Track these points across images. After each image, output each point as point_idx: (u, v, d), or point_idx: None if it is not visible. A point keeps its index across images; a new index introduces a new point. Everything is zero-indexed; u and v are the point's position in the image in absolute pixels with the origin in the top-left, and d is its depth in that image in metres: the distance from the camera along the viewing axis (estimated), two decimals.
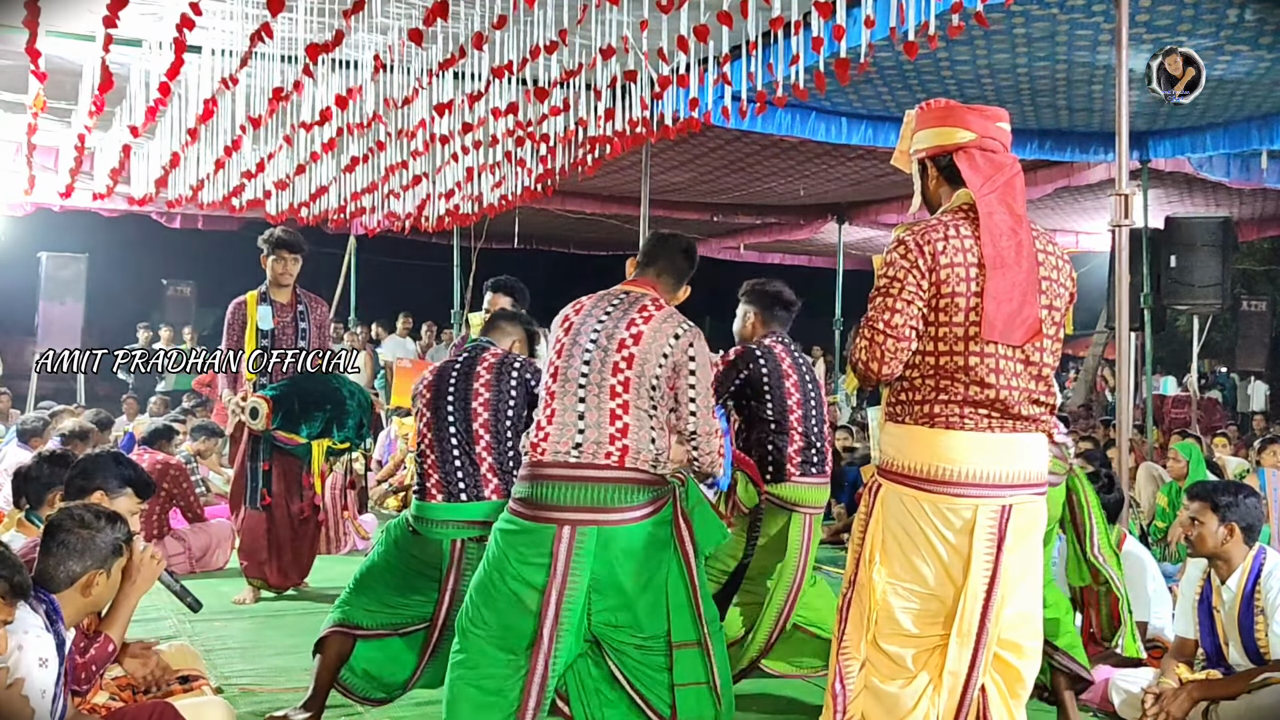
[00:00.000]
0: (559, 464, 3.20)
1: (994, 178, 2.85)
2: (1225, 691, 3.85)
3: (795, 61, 5.64)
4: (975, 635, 2.74)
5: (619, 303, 3.38)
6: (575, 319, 3.39)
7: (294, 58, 6.69)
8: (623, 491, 3.16)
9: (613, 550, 3.14)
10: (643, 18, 5.44)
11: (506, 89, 6.98)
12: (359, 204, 10.24)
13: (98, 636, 3.18)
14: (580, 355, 3.31)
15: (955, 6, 5.26)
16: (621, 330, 3.30)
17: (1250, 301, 15.52)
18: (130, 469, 3.86)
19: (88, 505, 3.15)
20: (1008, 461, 2.81)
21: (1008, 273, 2.78)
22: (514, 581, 3.17)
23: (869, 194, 13.25)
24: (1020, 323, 2.79)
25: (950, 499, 2.77)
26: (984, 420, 2.80)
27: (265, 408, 5.93)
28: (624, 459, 3.16)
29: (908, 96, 8.62)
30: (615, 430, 3.19)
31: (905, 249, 2.83)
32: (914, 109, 3.05)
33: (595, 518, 3.14)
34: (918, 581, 2.80)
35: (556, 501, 3.17)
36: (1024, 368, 2.83)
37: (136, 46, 7.05)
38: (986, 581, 2.74)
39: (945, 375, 2.81)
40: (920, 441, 2.82)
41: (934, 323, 2.82)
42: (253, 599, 6.20)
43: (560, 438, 3.22)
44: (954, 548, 2.77)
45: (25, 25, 5.48)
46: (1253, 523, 4.03)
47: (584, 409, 3.23)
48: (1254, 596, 3.96)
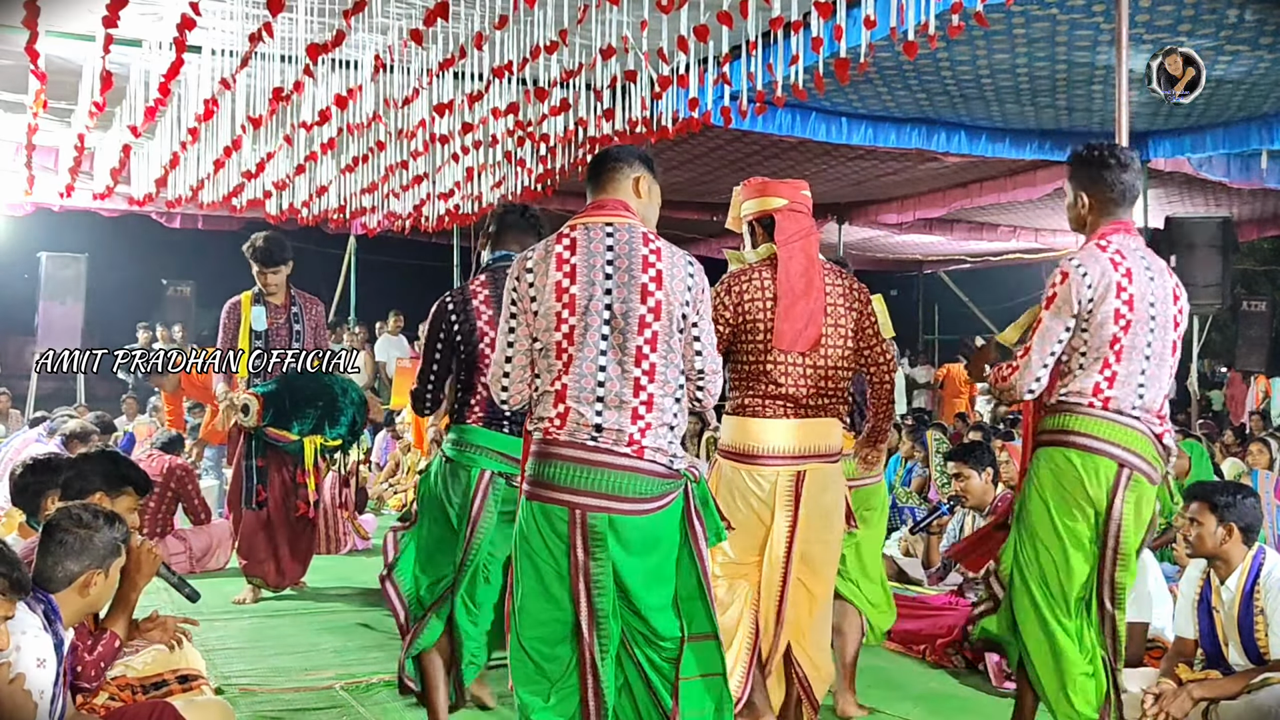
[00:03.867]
0: (574, 444, 2.97)
1: (797, 232, 3.80)
2: (1225, 691, 3.84)
3: (795, 61, 5.64)
4: (784, 561, 3.72)
5: (615, 234, 3.04)
6: (576, 260, 3.01)
7: (294, 58, 6.69)
8: (639, 482, 2.98)
9: (622, 539, 3.00)
10: (643, 18, 5.44)
11: (506, 89, 6.99)
12: (359, 204, 10.24)
13: (103, 634, 3.18)
14: (599, 314, 2.98)
15: (955, 6, 5.26)
16: (639, 272, 3.00)
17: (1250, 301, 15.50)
18: (127, 467, 3.86)
19: (86, 505, 3.14)
20: (800, 439, 3.70)
21: (797, 301, 3.71)
22: (542, 563, 3.03)
23: (869, 194, 13.26)
24: (805, 338, 3.70)
25: (758, 468, 3.70)
26: (780, 410, 3.70)
27: (256, 404, 5.94)
28: (643, 450, 2.97)
29: (908, 96, 8.62)
30: (640, 403, 2.98)
31: (719, 291, 3.75)
32: (739, 185, 3.98)
33: (607, 505, 2.96)
34: (739, 523, 3.72)
35: (567, 483, 2.97)
36: (812, 370, 3.72)
37: (136, 46, 7.05)
38: (789, 525, 3.69)
39: (752, 378, 3.73)
40: (736, 427, 3.75)
41: (741, 340, 3.74)
42: (253, 598, 6.20)
43: (578, 417, 2.96)
44: (763, 502, 3.71)
45: (25, 25, 5.48)
46: (1251, 523, 4.02)
47: (604, 377, 2.97)
48: (1253, 596, 3.96)
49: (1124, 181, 3.53)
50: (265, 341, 6.21)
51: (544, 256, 3.04)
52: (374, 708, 4.27)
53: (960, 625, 5.01)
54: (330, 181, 9.66)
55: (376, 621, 5.71)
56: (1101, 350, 3.42)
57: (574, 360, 2.98)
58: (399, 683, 3.96)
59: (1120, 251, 3.45)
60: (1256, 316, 15.25)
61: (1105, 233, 3.50)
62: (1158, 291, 3.49)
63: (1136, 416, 3.45)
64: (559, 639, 3.05)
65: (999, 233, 15.60)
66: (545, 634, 3.05)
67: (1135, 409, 3.45)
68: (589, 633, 3.01)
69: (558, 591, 3.02)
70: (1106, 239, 3.48)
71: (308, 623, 5.67)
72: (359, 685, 4.51)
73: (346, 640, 5.32)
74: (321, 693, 4.43)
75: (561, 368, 2.99)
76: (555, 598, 3.03)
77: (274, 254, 6.18)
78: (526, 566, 3.06)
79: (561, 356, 2.99)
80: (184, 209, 11.61)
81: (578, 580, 2.99)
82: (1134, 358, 3.44)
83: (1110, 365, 3.42)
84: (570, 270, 3.00)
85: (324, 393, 6.21)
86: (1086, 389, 3.45)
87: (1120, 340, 3.41)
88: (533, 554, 3.04)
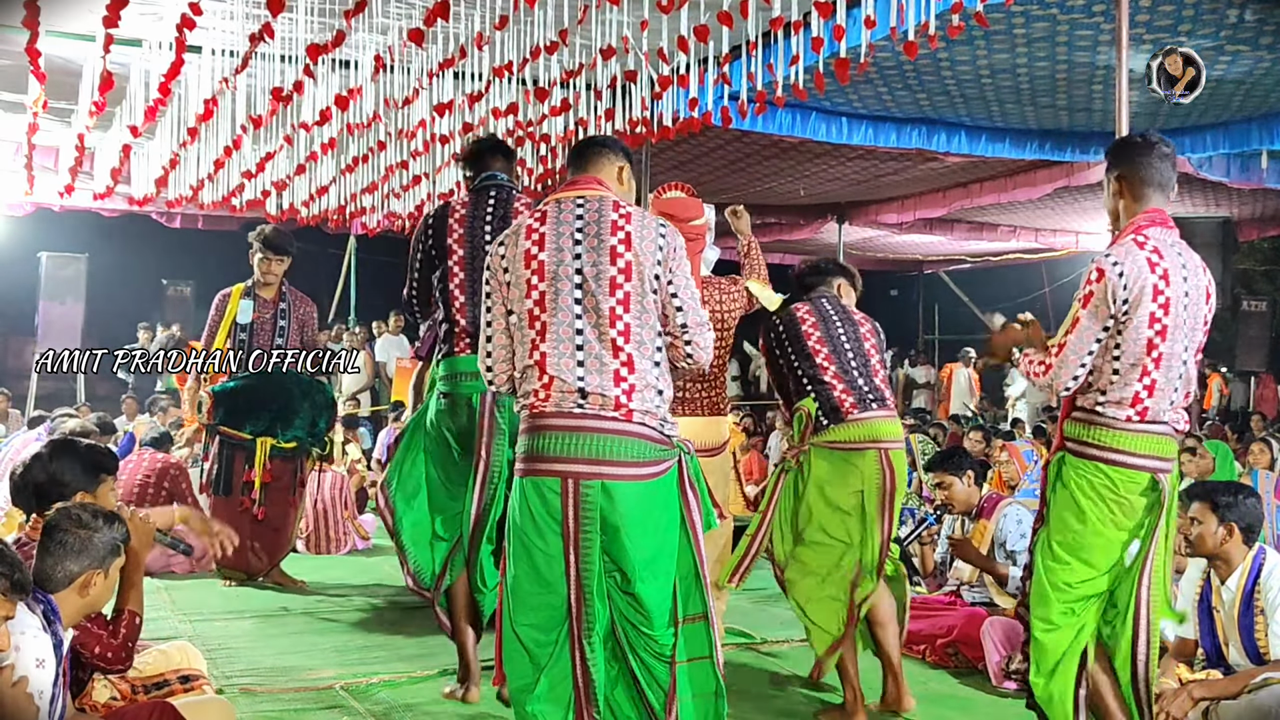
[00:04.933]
0: (562, 414, 2.96)
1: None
2: (1225, 691, 3.84)
3: (795, 61, 5.64)
4: None
5: (585, 204, 3.07)
6: (545, 229, 3.03)
7: (294, 58, 6.69)
8: (629, 445, 2.96)
9: (618, 509, 2.95)
10: (643, 18, 5.44)
11: (507, 89, 6.98)
12: (359, 204, 10.24)
13: (121, 616, 3.14)
14: (570, 279, 2.99)
15: (955, 6, 5.25)
16: (608, 235, 3.00)
17: (1250, 301, 15.49)
18: (90, 453, 3.71)
19: (84, 505, 3.13)
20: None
21: None
22: (534, 547, 3.00)
23: (869, 194, 13.25)
24: None
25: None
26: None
27: (207, 402, 6.20)
28: (630, 413, 2.95)
29: (908, 96, 8.62)
30: (620, 364, 2.96)
31: None
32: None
33: (599, 470, 2.94)
34: None
35: (558, 453, 2.96)
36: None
37: (136, 46, 7.04)
38: None
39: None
40: None
41: None
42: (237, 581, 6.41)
43: (561, 385, 2.96)
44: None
45: (25, 25, 5.49)
46: (1252, 523, 4.02)
47: (582, 340, 2.97)
48: (1254, 596, 3.96)
49: (1159, 167, 3.43)
50: (249, 334, 6.35)
51: (515, 229, 3.10)
52: (374, 708, 4.26)
53: (960, 625, 5.01)
54: (330, 181, 9.66)
55: (377, 621, 5.71)
56: (1139, 357, 3.28)
57: (549, 327, 2.99)
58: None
59: (1158, 250, 3.32)
60: (1256, 316, 15.25)
61: (1141, 225, 3.38)
62: (1192, 293, 3.37)
63: (1165, 420, 3.36)
64: (552, 624, 3.02)
65: (999, 233, 15.60)
66: (538, 620, 3.03)
67: (1165, 413, 3.35)
68: (575, 611, 2.98)
69: (550, 574, 2.99)
70: (1143, 233, 3.35)
71: (308, 623, 5.67)
72: (359, 685, 4.51)
73: (347, 640, 5.32)
74: (321, 693, 4.43)
75: (536, 335, 3.00)
76: (548, 581, 3.00)
77: (283, 243, 6.43)
78: (519, 550, 3.04)
79: (534, 325, 3.01)
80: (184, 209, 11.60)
81: (568, 556, 2.97)
82: (1173, 364, 3.31)
83: (1150, 373, 3.28)
84: (539, 239, 3.03)
85: (280, 394, 6.34)
86: (1125, 399, 3.30)
87: (1158, 347, 3.28)
88: (524, 536, 3.02)
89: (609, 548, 2.98)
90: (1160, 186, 3.45)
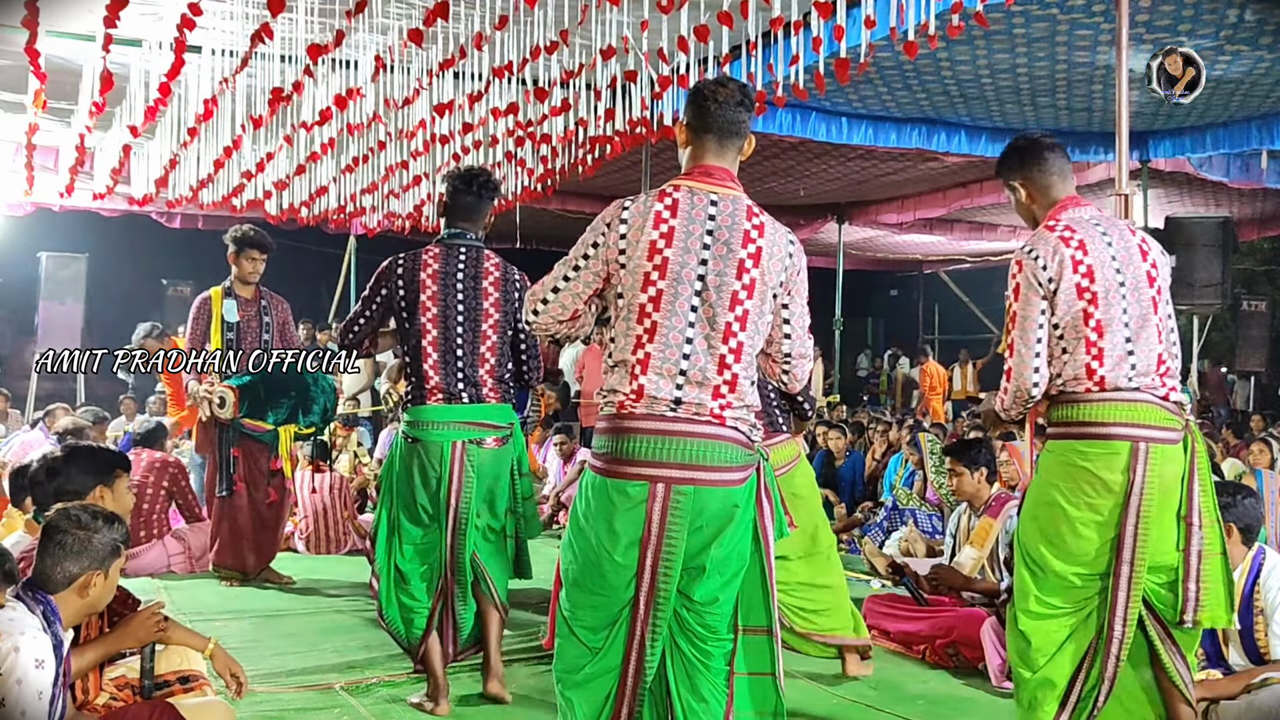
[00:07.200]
0: (653, 416, 2.81)
1: None
2: (1225, 691, 3.84)
3: (795, 61, 5.64)
4: None
5: (719, 204, 2.88)
6: (675, 223, 2.84)
7: (294, 58, 6.69)
8: (723, 450, 2.83)
9: (706, 514, 2.84)
10: (643, 18, 5.44)
11: (507, 89, 6.99)
12: (359, 204, 10.25)
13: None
14: (690, 283, 2.83)
15: (955, 6, 5.26)
16: (738, 246, 2.85)
17: (1250, 301, 15.50)
18: (104, 453, 3.83)
19: (85, 506, 3.13)
20: None
21: None
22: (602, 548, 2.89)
23: (869, 194, 13.26)
24: None
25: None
26: None
27: (232, 396, 6.21)
28: (724, 419, 2.83)
29: (908, 96, 8.62)
30: (722, 381, 2.83)
31: None
32: None
33: (692, 475, 2.81)
34: None
35: (649, 457, 2.81)
36: None
37: (136, 46, 7.05)
38: None
39: None
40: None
41: None
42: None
43: (657, 390, 2.81)
44: None
45: (25, 25, 5.49)
46: (1251, 523, 4.02)
47: (690, 350, 2.81)
48: (1253, 597, 3.96)
49: (1050, 159, 3.50)
50: (237, 333, 6.46)
51: (643, 211, 2.87)
52: (374, 708, 4.26)
53: (960, 626, 5.01)
54: (330, 181, 9.67)
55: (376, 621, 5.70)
56: (1079, 330, 3.35)
57: (659, 328, 2.82)
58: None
59: (1070, 226, 3.40)
60: (1256, 316, 15.26)
61: (1053, 214, 3.47)
62: (1120, 254, 3.39)
63: (1137, 387, 3.35)
64: (608, 622, 2.92)
65: (999, 233, 15.61)
66: (595, 620, 2.92)
67: (1132, 380, 3.34)
68: (645, 612, 2.87)
69: (615, 577, 2.87)
70: (1054, 218, 3.45)
71: (308, 623, 5.67)
72: (359, 685, 4.51)
73: (346, 640, 5.31)
74: (322, 693, 4.43)
75: (645, 334, 2.83)
76: (611, 584, 2.88)
77: (266, 241, 6.59)
78: (584, 547, 2.92)
79: (644, 321, 2.83)
80: (184, 209, 11.62)
81: (644, 560, 2.85)
82: (1114, 329, 3.35)
83: (1094, 343, 3.34)
84: (668, 232, 2.84)
85: (296, 382, 6.49)
86: (1080, 373, 3.36)
87: (1094, 315, 3.34)
88: (593, 535, 2.89)
89: (690, 552, 2.88)
90: (1061, 175, 3.54)
